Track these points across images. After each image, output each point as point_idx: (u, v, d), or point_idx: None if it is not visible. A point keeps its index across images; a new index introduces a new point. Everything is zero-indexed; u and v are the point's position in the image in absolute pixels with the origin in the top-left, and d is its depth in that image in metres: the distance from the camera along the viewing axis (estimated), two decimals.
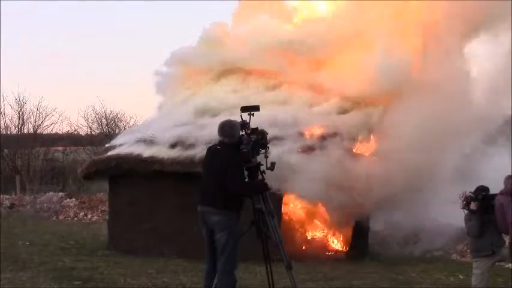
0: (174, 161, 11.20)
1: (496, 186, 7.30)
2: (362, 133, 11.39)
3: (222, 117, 8.25)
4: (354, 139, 11.32)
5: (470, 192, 7.33)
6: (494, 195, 7.25)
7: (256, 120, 6.42)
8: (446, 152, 10.84)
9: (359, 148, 11.47)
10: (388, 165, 10.46)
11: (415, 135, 10.45)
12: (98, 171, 12.49)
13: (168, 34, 59.32)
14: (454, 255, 12.04)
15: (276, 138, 10.32)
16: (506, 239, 7.95)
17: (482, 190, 7.31)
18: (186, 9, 62.64)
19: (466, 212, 7.41)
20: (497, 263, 7.97)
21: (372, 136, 11.59)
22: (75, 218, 18.27)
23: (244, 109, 6.52)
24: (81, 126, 28.49)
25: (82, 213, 18.55)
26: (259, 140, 6.32)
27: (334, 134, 11.13)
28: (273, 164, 6.33)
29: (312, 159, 10.72)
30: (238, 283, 6.39)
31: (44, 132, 26.98)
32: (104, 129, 27.52)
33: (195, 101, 12.57)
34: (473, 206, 7.24)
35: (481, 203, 7.21)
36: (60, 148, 28.16)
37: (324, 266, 10.42)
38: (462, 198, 7.38)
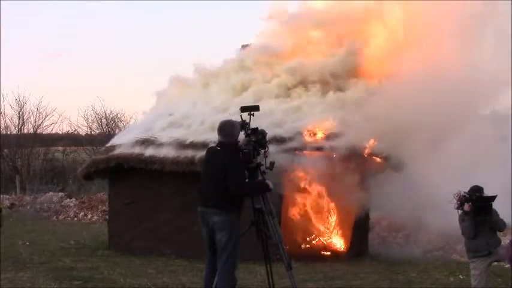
0: (174, 161, 11.19)
1: None
2: None
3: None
4: None
5: (464, 192, 7.22)
6: (488, 197, 7.17)
7: None
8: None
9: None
10: None
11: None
12: (98, 171, 12.49)
13: (168, 34, 59.31)
14: (454, 255, 12.05)
15: None
16: (502, 238, 7.93)
17: (476, 190, 7.19)
18: (186, 9, 62.61)
19: (460, 212, 7.35)
20: (496, 263, 7.96)
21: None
22: (75, 218, 18.28)
23: (244, 109, 6.52)
24: (81, 126, 28.64)
25: (82, 213, 18.57)
26: (260, 140, 6.32)
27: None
28: (272, 164, 6.34)
29: None
30: (238, 283, 6.39)
31: (44, 132, 27.07)
32: (104, 129, 27.56)
33: None
34: (466, 207, 7.13)
35: (475, 203, 7.11)
36: (60, 148, 28.22)
37: (324, 266, 10.42)
38: (456, 198, 7.30)
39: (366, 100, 11.27)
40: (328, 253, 11.72)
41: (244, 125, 6.35)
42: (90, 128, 28.27)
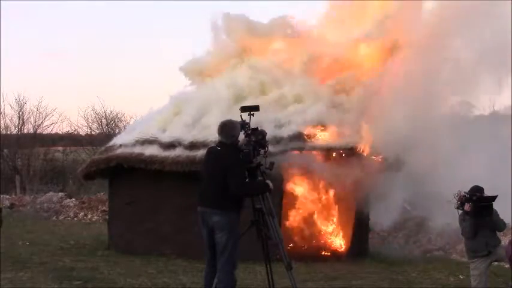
0: (174, 161, 11.19)
1: None
2: None
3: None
4: None
5: (464, 192, 7.23)
6: (489, 198, 7.17)
7: None
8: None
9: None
10: None
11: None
12: (98, 171, 12.49)
13: (168, 34, 59.31)
14: (454, 255, 12.05)
15: None
16: (502, 238, 7.93)
17: (476, 190, 7.20)
18: (186, 9, 62.62)
19: (460, 212, 7.34)
20: (496, 263, 7.95)
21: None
22: (75, 218, 18.27)
23: (244, 109, 6.52)
24: (81, 126, 28.55)
25: (82, 213, 18.55)
26: (260, 140, 6.32)
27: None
28: (272, 164, 6.34)
29: None
30: (238, 283, 6.40)
31: (44, 132, 27.04)
32: (104, 129, 27.53)
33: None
34: (467, 207, 7.14)
35: (475, 204, 7.11)
36: (60, 148, 28.18)
37: (324, 266, 10.42)
38: (456, 198, 7.30)
39: (367, 100, 11.28)
40: (328, 253, 11.73)
41: (244, 125, 6.36)
42: (90, 128, 28.24)
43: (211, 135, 10.37)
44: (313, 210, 12.01)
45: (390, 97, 10.82)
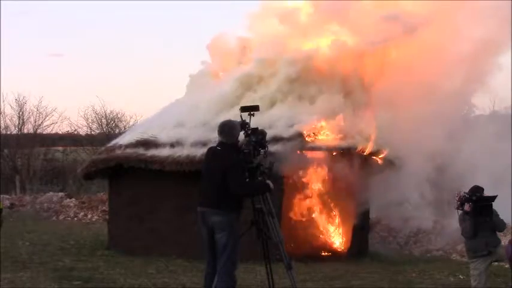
0: (174, 161, 11.19)
1: None
2: None
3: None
4: None
5: (464, 193, 7.24)
6: (488, 197, 7.18)
7: None
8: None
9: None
10: None
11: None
12: (98, 171, 12.49)
13: (168, 34, 59.25)
14: (454, 255, 12.05)
15: None
16: (502, 238, 7.93)
17: (476, 190, 7.22)
18: (187, 9, 62.55)
19: (460, 212, 7.35)
20: (496, 263, 7.94)
21: None
22: (75, 218, 18.27)
23: (244, 109, 6.51)
24: (81, 126, 28.47)
25: (82, 213, 18.56)
26: (260, 140, 6.31)
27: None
28: (272, 164, 6.33)
29: None
30: (238, 283, 6.39)
31: (44, 132, 27.02)
32: (104, 129, 27.51)
33: None
34: (467, 207, 7.15)
35: (475, 204, 7.11)
36: (60, 148, 28.18)
37: (324, 266, 10.42)
38: (456, 198, 7.30)
39: (367, 100, 11.27)
40: (328, 253, 11.73)
41: (244, 125, 6.35)
42: (90, 128, 28.19)
43: None
44: (313, 210, 12.01)
45: (391, 96, 10.84)
